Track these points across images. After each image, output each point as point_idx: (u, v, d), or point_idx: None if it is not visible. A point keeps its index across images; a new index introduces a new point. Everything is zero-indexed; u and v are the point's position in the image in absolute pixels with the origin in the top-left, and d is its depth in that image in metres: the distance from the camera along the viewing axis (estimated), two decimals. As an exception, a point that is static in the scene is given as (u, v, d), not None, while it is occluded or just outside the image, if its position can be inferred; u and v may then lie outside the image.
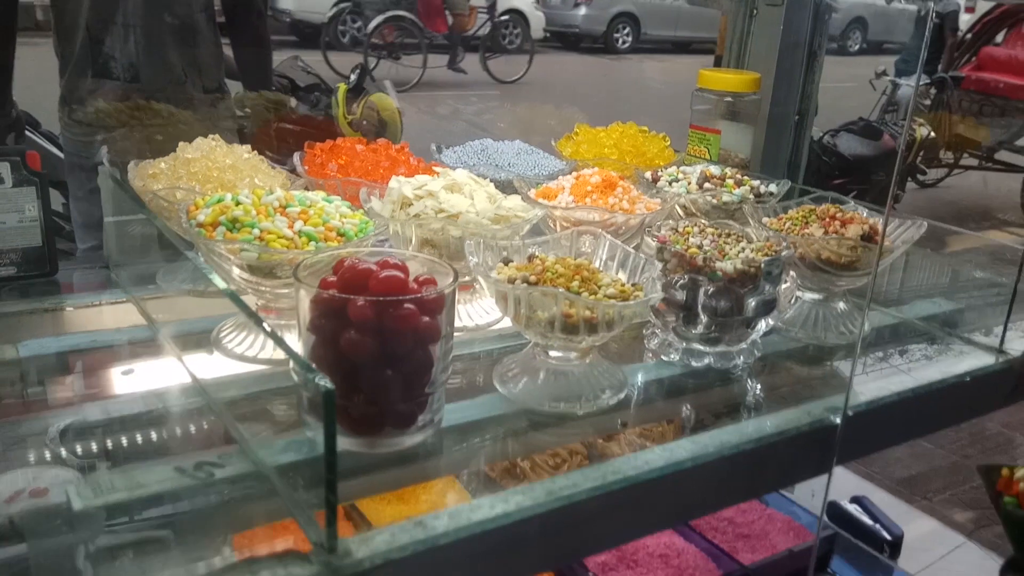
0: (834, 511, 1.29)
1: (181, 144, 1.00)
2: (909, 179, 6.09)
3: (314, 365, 0.68)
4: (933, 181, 6.99)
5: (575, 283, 0.78)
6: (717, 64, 1.66)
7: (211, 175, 0.96)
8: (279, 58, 1.92)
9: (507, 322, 0.83)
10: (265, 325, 0.67)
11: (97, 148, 1.49)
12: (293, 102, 1.61)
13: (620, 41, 10.89)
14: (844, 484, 1.36)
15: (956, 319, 1.10)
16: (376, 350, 0.68)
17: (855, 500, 1.32)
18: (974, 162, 7.14)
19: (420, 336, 0.70)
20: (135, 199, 0.93)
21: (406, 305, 0.68)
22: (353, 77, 1.64)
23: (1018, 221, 6.71)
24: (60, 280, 1.00)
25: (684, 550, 1.16)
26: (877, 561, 1.21)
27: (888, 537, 1.26)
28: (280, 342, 0.64)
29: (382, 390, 0.69)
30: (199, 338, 0.88)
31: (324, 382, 0.56)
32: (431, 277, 0.73)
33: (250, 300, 0.89)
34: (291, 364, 0.72)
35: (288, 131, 1.42)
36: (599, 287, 0.79)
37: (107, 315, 0.95)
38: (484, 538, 0.64)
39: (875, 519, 1.29)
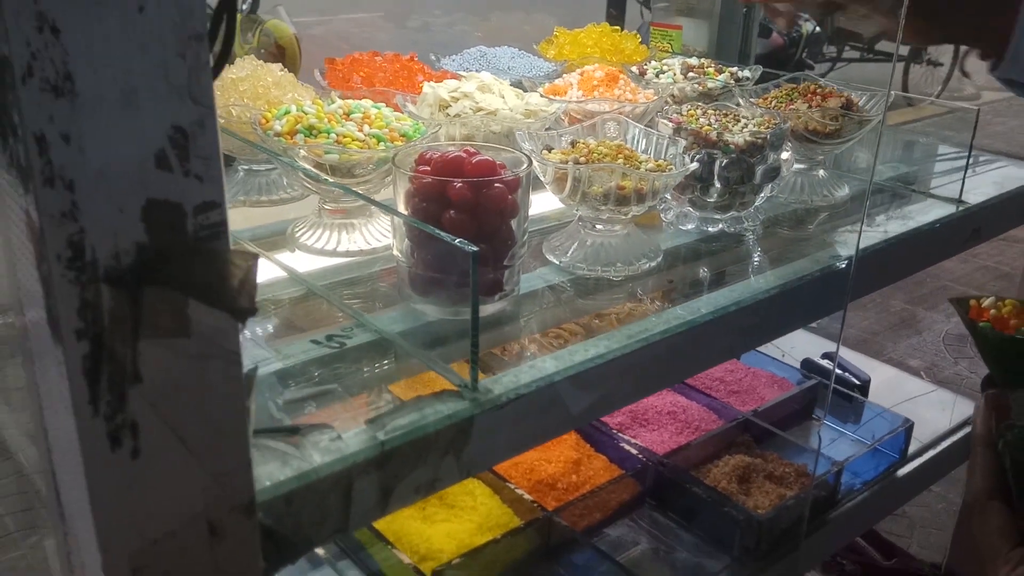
0: (810, 366, 1.46)
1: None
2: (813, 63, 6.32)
3: (415, 244, 0.79)
4: (820, 74, 7.27)
5: (620, 160, 0.90)
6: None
7: (259, 92, 1.03)
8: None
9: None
10: (386, 206, 0.77)
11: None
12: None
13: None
14: (816, 345, 1.53)
15: (917, 179, 1.26)
16: (473, 226, 0.79)
17: (825, 355, 1.50)
18: (856, 54, 7.43)
19: (506, 213, 0.81)
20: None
21: (497, 185, 0.79)
22: (245, 6, 1.59)
23: (902, 107, 7.05)
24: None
25: (688, 407, 1.31)
26: (852, 402, 1.38)
27: (857, 382, 1.44)
28: (421, 224, 0.74)
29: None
30: (273, 240, 0.97)
31: (470, 247, 0.67)
32: (502, 162, 0.84)
33: (311, 204, 0.99)
34: (394, 247, 0.82)
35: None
36: (640, 163, 0.91)
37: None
38: (585, 375, 0.76)
39: (844, 368, 1.46)
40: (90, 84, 0.38)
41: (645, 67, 1.28)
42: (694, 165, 0.92)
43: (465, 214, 0.79)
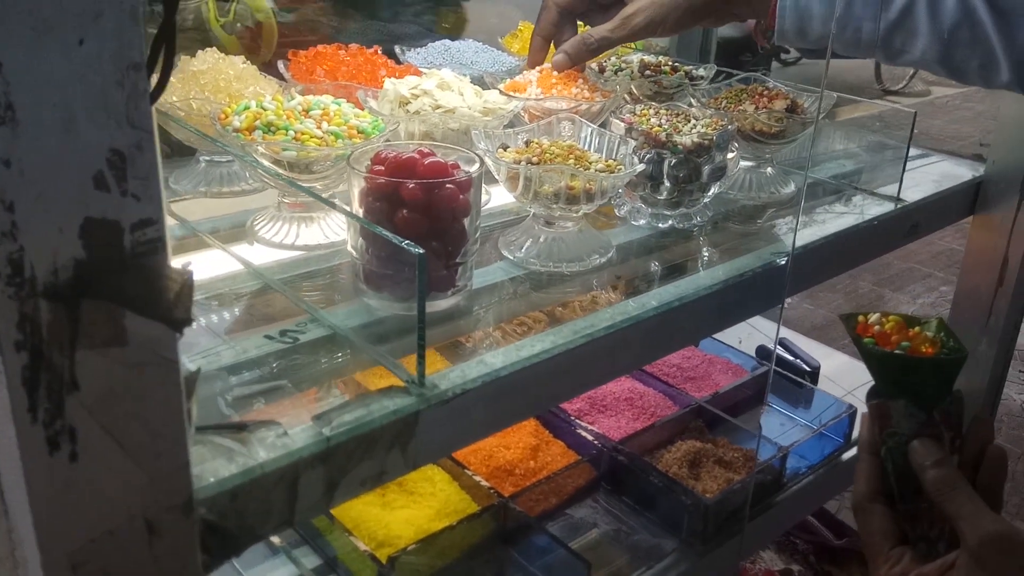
0: (763, 352, 1.50)
1: (184, 57, 1.08)
2: (773, 60, 6.34)
3: (368, 242, 0.82)
4: (794, 60, 7.31)
5: (571, 161, 0.93)
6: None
7: (220, 85, 1.05)
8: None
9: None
10: (343, 207, 0.80)
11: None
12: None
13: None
14: (768, 331, 1.57)
15: (859, 176, 1.30)
16: (425, 225, 0.82)
17: (780, 343, 1.54)
18: (832, 41, 7.43)
19: (458, 212, 0.83)
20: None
21: (448, 186, 0.82)
22: None
23: (875, 92, 7.11)
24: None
25: (645, 393, 1.35)
26: (802, 388, 1.42)
27: (808, 369, 1.48)
28: (371, 225, 0.77)
29: (429, 259, 0.83)
30: (232, 232, 0.99)
31: (416, 249, 0.70)
32: (455, 162, 0.87)
33: (272, 196, 1.01)
34: (348, 243, 0.85)
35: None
36: (590, 163, 0.94)
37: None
38: (531, 369, 0.79)
39: (795, 355, 1.50)
40: (31, 112, 0.40)
41: (605, 64, 1.31)
42: (641, 166, 0.95)
43: (417, 213, 0.81)
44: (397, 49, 1.32)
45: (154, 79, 0.47)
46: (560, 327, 0.84)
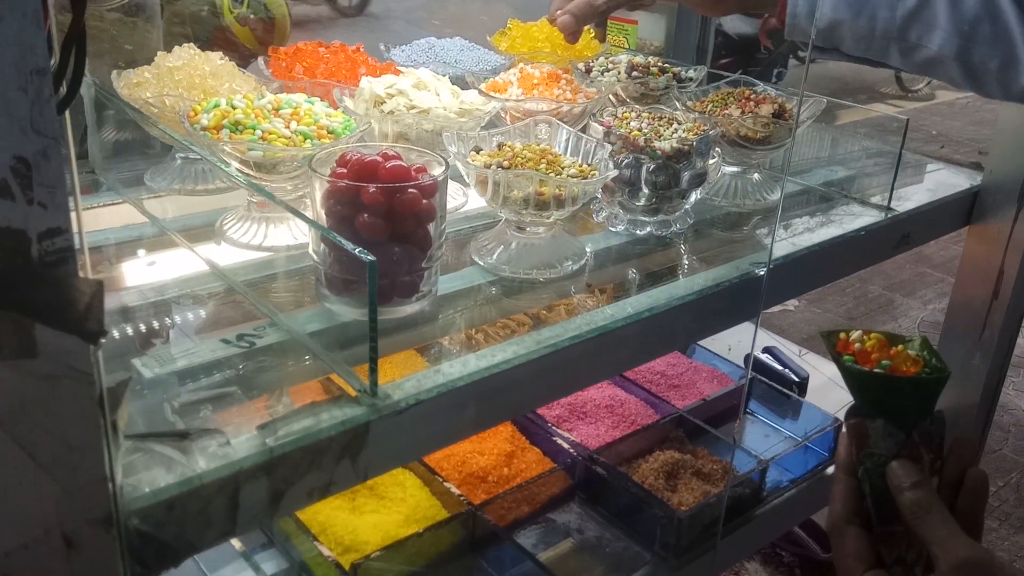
0: (752, 361, 1.48)
1: (161, 53, 1.07)
2: (791, 57, 6.28)
3: (329, 245, 0.80)
4: (813, 57, 7.25)
5: (543, 166, 0.91)
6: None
7: (194, 82, 1.04)
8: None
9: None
10: (302, 214, 0.78)
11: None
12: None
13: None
14: (763, 338, 1.55)
15: (850, 183, 1.27)
16: (386, 230, 0.80)
17: (766, 350, 1.51)
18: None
19: (421, 216, 0.82)
20: (126, 107, 1.01)
21: (410, 190, 0.80)
22: None
23: (895, 92, 7.06)
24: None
25: (625, 400, 1.33)
26: (788, 399, 1.40)
27: (796, 379, 1.45)
28: (325, 231, 0.75)
29: (391, 264, 0.81)
30: (202, 231, 0.98)
31: (367, 256, 0.68)
32: (422, 166, 0.85)
33: (241, 196, 1.00)
34: (310, 246, 0.83)
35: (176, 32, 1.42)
36: (562, 168, 0.92)
37: (109, 214, 1.03)
38: (489, 380, 0.77)
39: (784, 365, 1.48)
40: (-71, 118, 0.39)
41: (592, 64, 1.29)
42: (614, 172, 0.93)
43: (378, 218, 0.80)
44: (381, 46, 1.30)
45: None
46: (523, 337, 0.82)
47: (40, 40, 0.40)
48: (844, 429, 0.75)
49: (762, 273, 0.97)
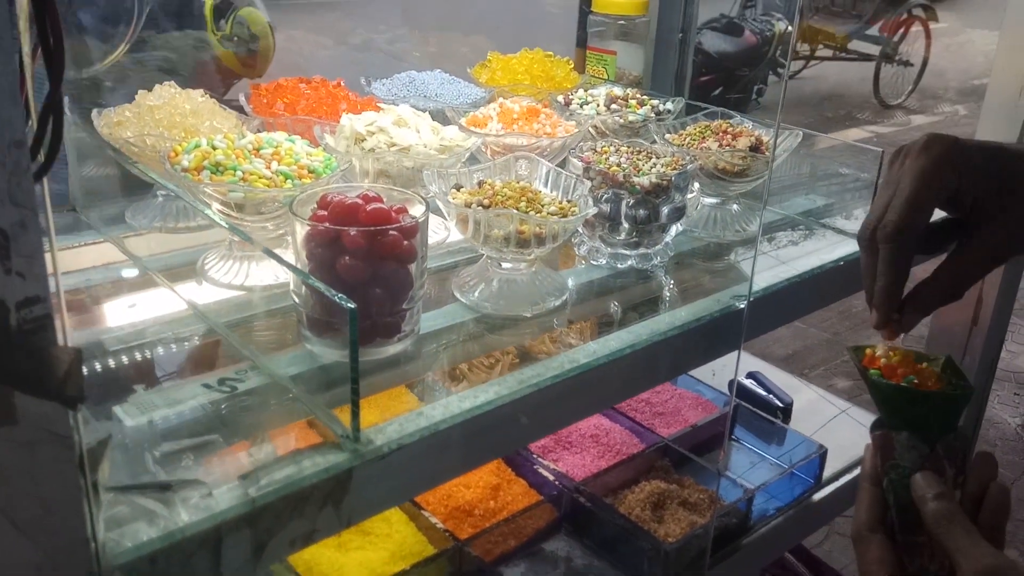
0: (736, 387, 1.48)
1: (141, 92, 1.07)
2: (770, 72, 6.34)
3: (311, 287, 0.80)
4: (792, 73, 7.31)
5: (523, 203, 0.92)
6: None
7: (175, 120, 1.04)
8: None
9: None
10: (286, 259, 0.78)
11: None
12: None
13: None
14: (741, 362, 1.55)
15: (829, 212, 1.28)
16: (367, 272, 0.80)
17: (750, 375, 1.52)
18: (829, 53, 7.48)
19: (402, 258, 0.82)
20: (107, 146, 1.01)
21: (391, 233, 0.80)
22: None
23: (874, 108, 7.13)
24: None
25: (611, 429, 1.33)
26: (773, 426, 1.41)
27: (780, 405, 1.46)
28: (305, 276, 0.76)
29: (372, 306, 0.82)
30: (184, 270, 0.98)
31: (348, 304, 0.68)
32: (402, 206, 0.85)
33: (223, 233, 1.00)
34: (291, 287, 0.84)
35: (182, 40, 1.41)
36: (542, 206, 0.93)
37: (91, 254, 1.03)
38: (473, 422, 0.78)
39: (768, 391, 1.49)
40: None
41: (571, 97, 1.30)
42: (594, 209, 0.94)
43: (359, 260, 0.80)
44: (362, 80, 1.31)
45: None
46: (505, 377, 0.82)
47: (17, 113, 0.40)
48: (870, 440, 0.76)
49: (743, 306, 0.98)
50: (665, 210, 1.01)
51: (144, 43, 1.40)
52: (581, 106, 1.27)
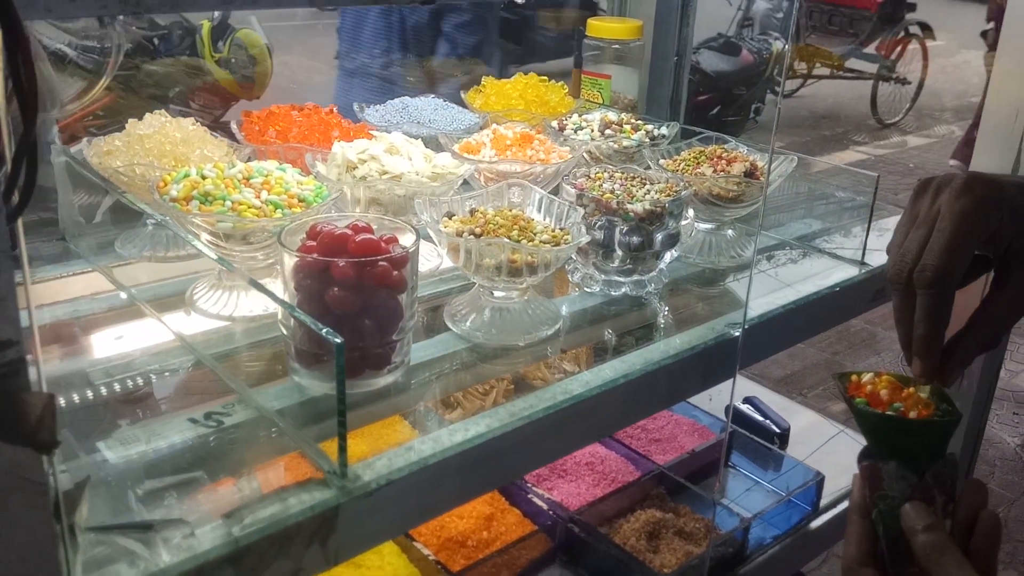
0: (733, 412, 1.46)
1: (131, 121, 1.06)
2: (767, 91, 6.34)
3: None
4: (789, 92, 7.32)
5: (515, 232, 0.91)
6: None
7: (165, 149, 1.03)
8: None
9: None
10: (273, 290, 0.77)
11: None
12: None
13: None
14: (737, 386, 1.54)
15: (824, 237, 1.27)
16: (357, 304, 0.79)
17: (747, 400, 1.51)
18: (826, 71, 7.50)
19: (392, 289, 0.81)
20: (97, 176, 1.00)
21: (380, 263, 0.79)
22: (217, 14, 1.54)
23: (871, 128, 7.13)
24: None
25: (607, 457, 1.32)
26: (770, 452, 1.39)
27: (777, 430, 1.44)
28: (293, 309, 0.75)
29: (362, 337, 0.81)
30: (172, 300, 0.97)
31: (335, 338, 0.67)
32: (393, 236, 0.84)
33: (213, 263, 0.99)
34: (279, 317, 0.82)
35: (156, 75, 1.40)
36: (535, 234, 0.92)
37: (80, 283, 1.02)
38: (463, 456, 0.76)
39: (765, 416, 1.47)
40: None
41: (565, 122, 1.29)
42: (586, 238, 0.93)
43: (348, 292, 0.79)
44: (355, 106, 1.30)
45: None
46: (496, 409, 0.81)
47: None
48: (857, 471, 0.75)
49: (737, 334, 0.97)
50: (659, 237, 1.01)
51: (137, 71, 1.40)
52: (575, 131, 1.26)
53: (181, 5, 0.41)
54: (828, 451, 1.47)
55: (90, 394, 0.82)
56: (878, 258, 1.17)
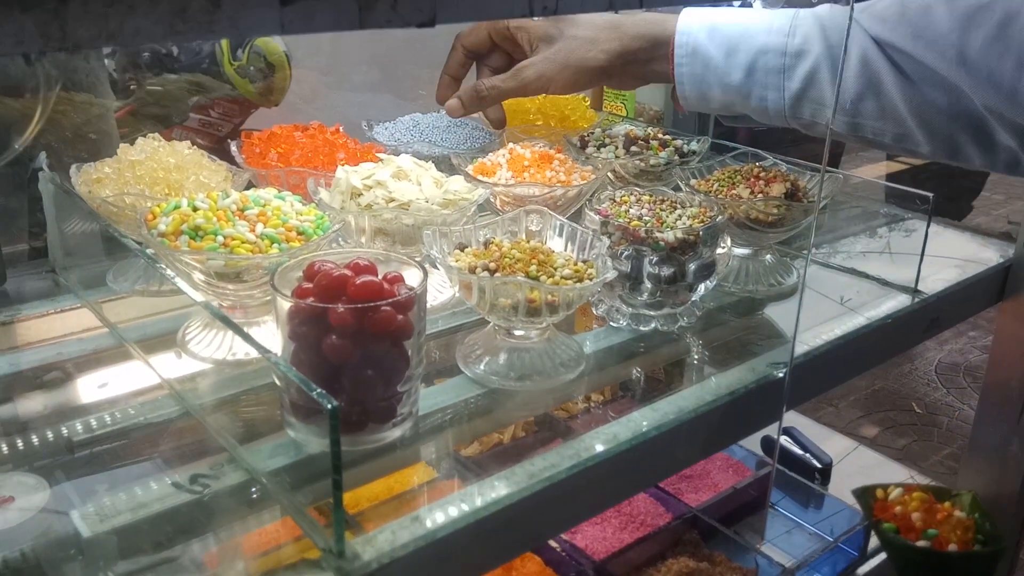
0: (767, 444, 1.37)
1: (123, 146, 0.99)
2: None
3: (295, 367, 0.71)
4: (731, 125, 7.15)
5: (533, 267, 0.82)
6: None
7: (157, 176, 0.95)
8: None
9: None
10: (255, 341, 0.69)
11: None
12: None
13: None
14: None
15: (872, 261, 1.18)
16: (356, 353, 0.71)
17: (785, 431, 1.41)
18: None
19: (397, 335, 0.73)
20: (84, 206, 0.93)
21: (383, 308, 0.71)
22: None
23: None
24: (7, 289, 0.99)
25: (635, 499, 1.23)
26: (812, 491, 1.30)
27: (818, 465, 1.35)
28: (287, 368, 0.67)
29: (364, 389, 0.72)
30: (163, 340, 0.89)
31: (329, 402, 0.59)
32: (398, 274, 0.76)
33: (210, 297, 0.91)
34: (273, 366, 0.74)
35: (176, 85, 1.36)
36: (555, 269, 0.83)
37: (68, 320, 0.95)
38: (476, 526, 0.68)
39: (805, 449, 1.37)
40: None
41: (587, 138, 1.20)
42: (613, 273, 0.84)
43: (347, 340, 0.71)
44: (364, 124, 1.22)
45: None
46: (512, 469, 0.73)
47: None
48: None
49: (782, 375, 0.88)
50: (692, 267, 0.92)
51: (139, 89, 1.33)
52: (598, 148, 1.17)
53: (115, 38, 0.33)
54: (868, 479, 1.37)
55: (67, 458, 0.75)
56: (932, 283, 1.07)
